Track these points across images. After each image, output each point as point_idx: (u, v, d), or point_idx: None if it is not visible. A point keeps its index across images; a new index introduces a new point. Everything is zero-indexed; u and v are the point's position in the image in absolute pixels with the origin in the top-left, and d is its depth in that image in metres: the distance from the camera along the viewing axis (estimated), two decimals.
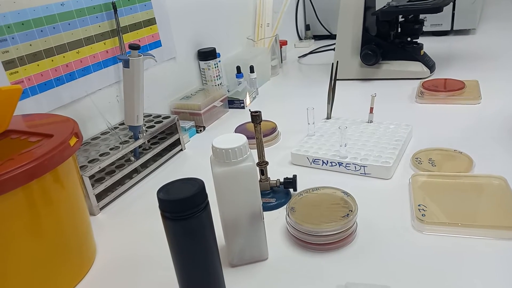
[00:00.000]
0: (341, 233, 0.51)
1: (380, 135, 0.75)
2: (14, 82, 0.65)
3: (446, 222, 0.52)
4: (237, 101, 1.05)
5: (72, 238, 0.52)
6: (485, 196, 0.57)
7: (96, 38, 0.78)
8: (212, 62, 1.06)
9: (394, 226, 0.55)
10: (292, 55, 1.50)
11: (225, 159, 0.45)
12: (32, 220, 0.46)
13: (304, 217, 0.53)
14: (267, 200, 0.62)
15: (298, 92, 1.13)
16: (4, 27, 0.63)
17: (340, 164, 0.69)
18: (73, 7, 0.73)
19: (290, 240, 0.55)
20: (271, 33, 1.28)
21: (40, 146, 0.47)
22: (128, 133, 0.77)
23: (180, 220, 0.40)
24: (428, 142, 0.74)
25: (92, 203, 0.65)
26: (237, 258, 0.51)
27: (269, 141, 0.82)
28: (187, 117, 0.96)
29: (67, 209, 0.51)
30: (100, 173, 0.70)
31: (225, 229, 0.49)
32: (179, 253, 0.42)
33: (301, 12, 1.68)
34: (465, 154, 0.67)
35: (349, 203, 0.55)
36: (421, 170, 0.65)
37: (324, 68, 1.30)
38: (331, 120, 0.84)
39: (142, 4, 0.88)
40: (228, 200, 0.47)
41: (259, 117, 0.58)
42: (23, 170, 0.42)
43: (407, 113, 0.89)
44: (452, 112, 0.87)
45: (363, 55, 1.08)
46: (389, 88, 1.05)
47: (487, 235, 0.50)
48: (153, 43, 0.93)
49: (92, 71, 0.78)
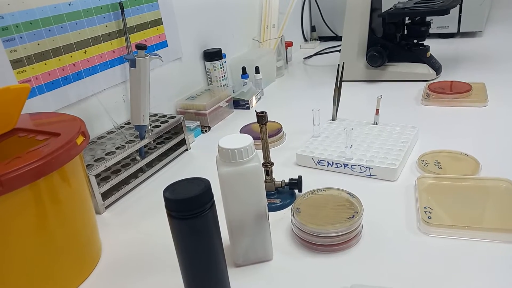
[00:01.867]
0: (347, 235, 0.51)
1: (386, 137, 0.75)
2: (22, 81, 0.66)
3: (452, 225, 0.52)
4: (242, 102, 1.05)
5: (77, 236, 0.52)
6: (491, 199, 0.57)
7: (103, 38, 0.79)
8: (218, 62, 1.06)
9: (400, 228, 0.55)
10: (298, 56, 1.50)
11: (231, 159, 0.45)
12: (39, 218, 0.46)
13: (309, 218, 0.53)
14: (272, 201, 0.62)
15: (303, 93, 1.13)
16: (13, 26, 0.63)
17: (345, 165, 0.69)
18: (80, 7, 0.73)
19: (295, 241, 0.55)
20: (277, 34, 1.28)
21: (47, 144, 0.47)
22: (134, 133, 0.77)
23: (186, 219, 0.40)
24: (434, 144, 0.73)
25: (97, 201, 0.65)
26: (242, 258, 0.51)
27: (274, 142, 0.82)
28: (192, 117, 0.96)
29: (73, 207, 0.51)
30: (106, 172, 0.71)
31: (230, 229, 0.50)
32: (185, 252, 0.42)
33: (307, 13, 1.68)
34: (471, 157, 0.67)
35: (354, 204, 0.55)
36: (427, 172, 0.65)
37: (330, 69, 1.29)
38: (336, 122, 0.84)
39: (149, 5, 0.88)
40: (233, 200, 0.47)
41: (265, 118, 0.58)
42: (31, 168, 0.42)
43: (413, 115, 0.89)
44: (459, 114, 0.86)
45: (369, 56, 1.08)
46: (395, 90, 1.04)
47: (493, 238, 0.50)
48: (160, 43, 0.93)
49: (99, 71, 0.79)
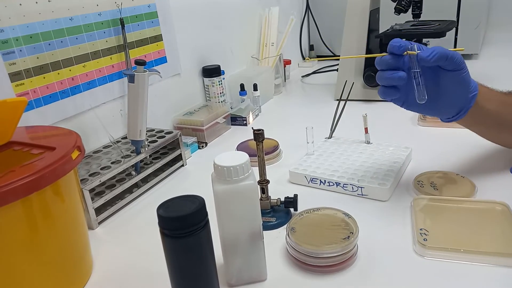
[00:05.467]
0: (342, 256, 0.51)
1: (379, 157, 0.75)
2: (20, 94, 0.66)
3: (448, 248, 0.52)
4: (239, 118, 1.06)
5: (69, 252, 0.51)
6: (488, 222, 0.56)
7: (102, 53, 0.79)
8: (217, 79, 1.07)
9: (396, 249, 0.54)
10: (296, 75, 1.51)
11: (226, 176, 0.45)
12: (30, 233, 0.45)
13: (304, 237, 0.53)
14: (267, 219, 0.62)
15: (301, 111, 1.13)
16: (13, 40, 0.64)
17: (337, 184, 0.68)
18: (81, 22, 0.74)
19: (290, 261, 0.54)
20: (276, 52, 1.29)
21: (42, 158, 0.47)
22: (130, 147, 0.77)
23: (179, 238, 0.40)
24: (430, 165, 0.73)
25: (91, 216, 0.65)
26: (235, 278, 0.51)
27: (270, 159, 0.82)
28: (189, 132, 0.96)
29: (66, 222, 0.50)
30: (101, 187, 0.70)
31: (224, 247, 0.49)
32: (177, 271, 0.42)
33: (306, 32, 1.70)
34: (467, 179, 0.67)
35: (350, 224, 0.55)
36: (423, 193, 0.65)
37: (327, 88, 1.30)
38: (331, 140, 0.85)
39: (149, 21, 0.89)
40: (228, 218, 0.47)
41: (262, 135, 0.58)
42: (24, 183, 0.42)
43: (409, 135, 0.89)
44: (454, 135, 0.86)
45: (366, 76, 1.09)
46: (392, 110, 1.04)
47: (489, 262, 0.50)
48: (159, 59, 0.94)
49: (97, 85, 0.79)
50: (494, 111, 0.62)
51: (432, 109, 0.61)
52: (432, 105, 0.59)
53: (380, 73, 0.57)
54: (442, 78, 0.58)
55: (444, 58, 0.54)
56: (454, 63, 0.55)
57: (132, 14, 0.85)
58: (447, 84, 0.58)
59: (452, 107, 0.61)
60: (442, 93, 0.59)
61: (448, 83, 0.58)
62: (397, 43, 0.55)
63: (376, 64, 0.57)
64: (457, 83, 0.58)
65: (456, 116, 0.61)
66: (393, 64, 0.55)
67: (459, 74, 0.57)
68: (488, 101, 0.61)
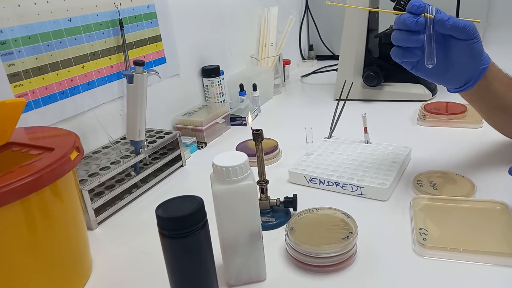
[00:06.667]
0: (341, 256, 0.51)
1: (378, 156, 0.75)
2: (18, 95, 0.66)
3: (447, 247, 0.52)
4: (239, 119, 1.06)
5: (68, 253, 0.51)
6: (487, 221, 0.56)
7: (101, 54, 0.79)
8: (216, 79, 1.07)
9: (395, 249, 0.54)
10: (295, 75, 1.51)
11: (225, 177, 0.45)
12: (29, 234, 0.45)
13: (303, 237, 0.53)
14: (266, 219, 0.62)
15: (300, 111, 1.13)
16: (11, 41, 0.64)
17: (337, 184, 0.68)
18: (80, 22, 0.74)
19: (289, 261, 0.54)
20: (275, 52, 1.29)
21: (40, 159, 0.47)
22: (130, 148, 0.77)
23: (178, 238, 0.40)
24: (429, 165, 0.73)
25: (90, 217, 0.65)
26: (234, 278, 0.51)
27: (270, 159, 0.82)
28: (189, 133, 0.96)
29: (65, 223, 0.50)
30: (100, 187, 0.70)
31: (223, 247, 0.49)
32: (176, 271, 0.42)
33: (305, 32, 1.70)
34: (466, 178, 0.67)
35: (349, 224, 0.55)
36: (422, 193, 0.65)
37: (326, 87, 1.30)
38: (330, 140, 0.85)
39: (148, 21, 0.89)
40: (227, 218, 0.47)
41: (261, 135, 0.58)
42: (23, 183, 0.42)
43: (409, 135, 0.89)
44: (454, 135, 0.87)
45: (365, 76, 1.09)
46: (391, 109, 1.05)
47: (489, 261, 0.50)
48: (158, 59, 0.94)
49: (96, 86, 0.79)
50: (502, 92, 0.62)
51: (441, 77, 0.61)
52: (441, 72, 0.60)
53: (397, 32, 0.58)
54: (454, 47, 0.58)
55: (459, 27, 0.55)
56: (466, 33, 0.56)
57: (131, 14, 0.85)
58: (458, 53, 0.58)
59: (460, 77, 0.61)
60: (453, 62, 0.59)
61: (460, 52, 0.58)
62: (417, 3, 0.56)
63: (395, 23, 0.58)
64: (469, 52, 0.58)
65: (464, 86, 0.61)
66: (410, 25, 0.56)
67: (471, 43, 0.57)
68: (497, 81, 0.61)
